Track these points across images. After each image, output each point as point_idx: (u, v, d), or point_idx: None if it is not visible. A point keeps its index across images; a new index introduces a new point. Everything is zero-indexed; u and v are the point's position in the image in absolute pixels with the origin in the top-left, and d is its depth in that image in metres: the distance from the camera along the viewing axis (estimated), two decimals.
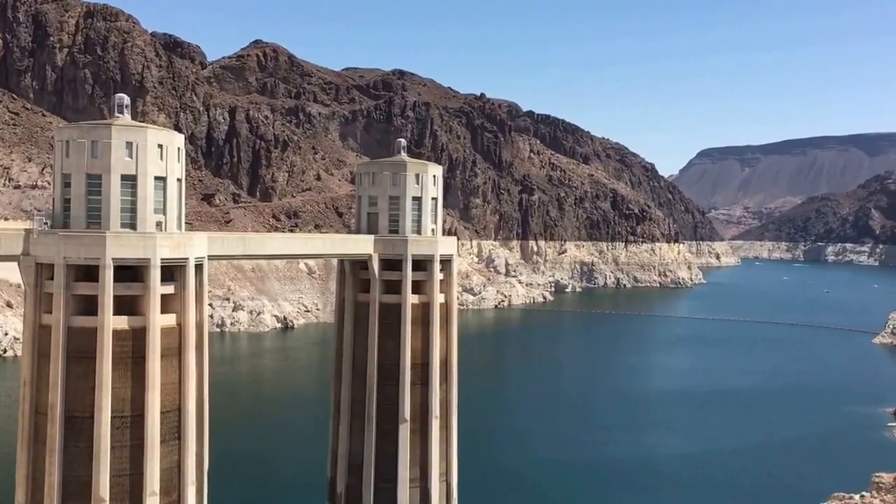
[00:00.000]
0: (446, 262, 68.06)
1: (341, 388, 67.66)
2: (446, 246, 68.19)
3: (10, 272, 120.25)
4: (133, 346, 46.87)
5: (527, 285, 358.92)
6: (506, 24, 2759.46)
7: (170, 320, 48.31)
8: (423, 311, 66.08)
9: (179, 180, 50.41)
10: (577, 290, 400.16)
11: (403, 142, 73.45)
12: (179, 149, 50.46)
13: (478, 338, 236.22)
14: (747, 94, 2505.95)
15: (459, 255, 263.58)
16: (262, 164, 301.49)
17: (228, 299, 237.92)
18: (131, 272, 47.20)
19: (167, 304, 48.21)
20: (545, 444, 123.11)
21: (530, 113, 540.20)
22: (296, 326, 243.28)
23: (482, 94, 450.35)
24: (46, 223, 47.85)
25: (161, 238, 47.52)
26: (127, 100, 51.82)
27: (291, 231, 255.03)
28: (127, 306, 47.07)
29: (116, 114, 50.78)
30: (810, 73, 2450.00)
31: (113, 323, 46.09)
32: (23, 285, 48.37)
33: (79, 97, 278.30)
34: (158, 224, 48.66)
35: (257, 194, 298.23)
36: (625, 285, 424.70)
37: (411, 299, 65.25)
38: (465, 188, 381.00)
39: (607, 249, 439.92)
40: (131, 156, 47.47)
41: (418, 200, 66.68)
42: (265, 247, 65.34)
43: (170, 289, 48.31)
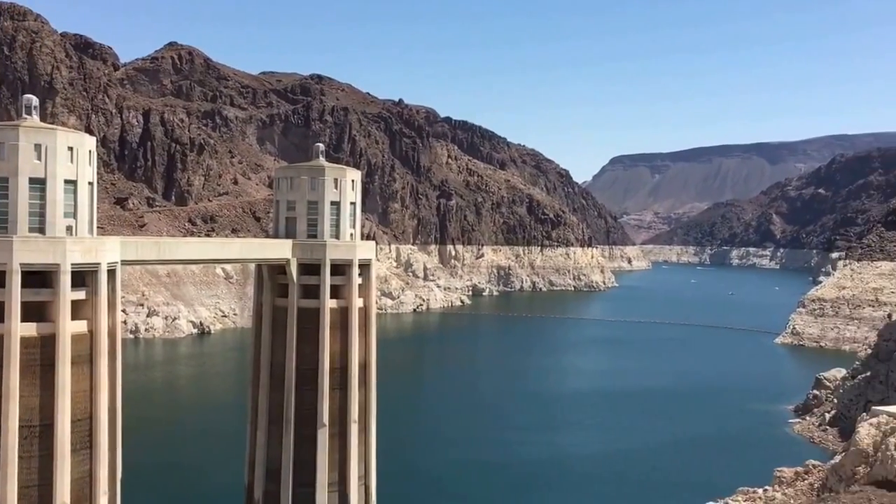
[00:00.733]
0: (365, 267, 68.38)
1: (259, 393, 67.22)
2: (365, 250, 68.52)
3: None
4: (42, 354, 45.71)
5: (445, 289, 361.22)
6: (423, 30, 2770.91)
7: (81, 327, 47.31)
8: (342, 315, 66.22)
9: (91, 184, 49.44)
10: (495, 293, 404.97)
11: (322, 146, 73.41)
12: (91, 151, 49.47)
13: (397, 342, 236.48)
14: (657, 102, 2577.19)
15: (378, 259, 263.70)
16: (177, 167, 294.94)
17: (142, 305, 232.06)
18: (40, 278, 46.05)
19: (78, 310, 47.19)
20: (463, 445, 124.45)
21: (448, 119, 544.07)
22: (213, 332, 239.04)
23: (400, 100, 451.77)
24: None
25: (71, 243, 46.50)
26: (35, 101, 50.53)
27: (208, 235, 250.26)
28: (35, 313, 45.91)
29: (24, 115, 49.46)
30: (715, 83, 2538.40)
31: (21, 330, 44.89)
32: None
33: None
34: (69, 228, 47.62)
35: (172, 198, 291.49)
36: (540, 289, 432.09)
37: (330, 304, 65.30)
38: (383, 193, 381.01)
39: (523, 254, 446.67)
40: (40, 158, 46.35)
41: (337, 205, 66.82)
42: (180, 251, 64.33)
43: (81, 294, 47.33)
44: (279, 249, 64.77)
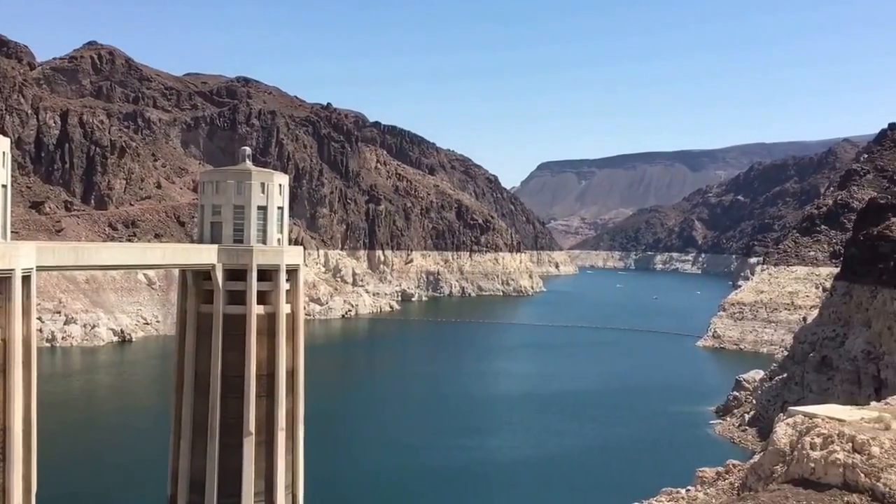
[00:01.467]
0: (292, 272, 67.48)
1: (182, 401, 65.54)
2: (292, 256, 67.60)
3: None
4: None
5: (374, 295, 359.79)
6: (352, 35, 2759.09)
7: None
8: (269, 321, 65.14)
9: (4, 186, 47.55)
10: (424, 298, 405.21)
11: (248, 150, 72.19)
12: (5, 153, 47.54)
13: (325, 348, 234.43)
14: (583, 109, 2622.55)
15: (306, 264, 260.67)
16: (97, 170, 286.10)
17: (60, 312, 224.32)
18: None
19: None
20: (392, 451, 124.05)
21: (377, 124, 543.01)
22: (134, 340, 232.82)
23: (329, 104, 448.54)
24: None
25: None
26: None
27: (129, 241, 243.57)
28: None
29: None
30: (640, 93, 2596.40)
31: None
32: None
33: None
34: None
35: (92, 202, 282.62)
36: (470, 294, 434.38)
37: (256, 310, 64.17)
38: (311, 198, 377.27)
39: (452, 259, 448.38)
40: None
41: (264, 210, 65.75)
42: (100, 257, 62.23)
43: None
44: (204, 255, 63.36)
